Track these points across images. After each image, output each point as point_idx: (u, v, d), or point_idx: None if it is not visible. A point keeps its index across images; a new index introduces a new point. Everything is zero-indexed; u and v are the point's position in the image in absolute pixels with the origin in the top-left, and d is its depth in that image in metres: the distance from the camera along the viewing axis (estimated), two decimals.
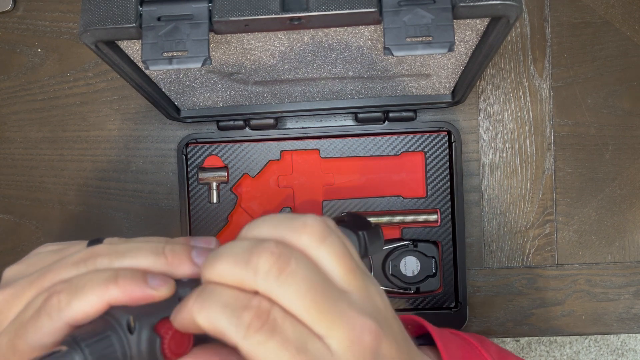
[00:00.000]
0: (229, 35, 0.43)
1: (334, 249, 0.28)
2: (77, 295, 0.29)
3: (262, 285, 0.27)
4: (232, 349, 0.27)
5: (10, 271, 0.34)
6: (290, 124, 0.66)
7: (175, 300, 0.31)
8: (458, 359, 0.43)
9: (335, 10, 0.38)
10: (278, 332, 0.26)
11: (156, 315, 0.30)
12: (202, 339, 0.30)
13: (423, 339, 0.45)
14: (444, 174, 0.65)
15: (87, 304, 0.29)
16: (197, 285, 0.31)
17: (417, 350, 0.33)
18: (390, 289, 0.65)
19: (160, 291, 0.30)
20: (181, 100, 0.60)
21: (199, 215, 0.66)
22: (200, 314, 0.27)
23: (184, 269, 0.31)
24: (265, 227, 0.29)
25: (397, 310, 0.65)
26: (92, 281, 0.29)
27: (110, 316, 0.30)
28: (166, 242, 0.32)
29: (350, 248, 0.29)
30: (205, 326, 0.26)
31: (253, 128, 0.65)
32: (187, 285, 0.32)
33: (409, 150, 0.65)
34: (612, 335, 1.34)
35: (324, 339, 0.26)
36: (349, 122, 0.66)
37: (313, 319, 0.26)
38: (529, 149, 0.67)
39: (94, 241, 0.34)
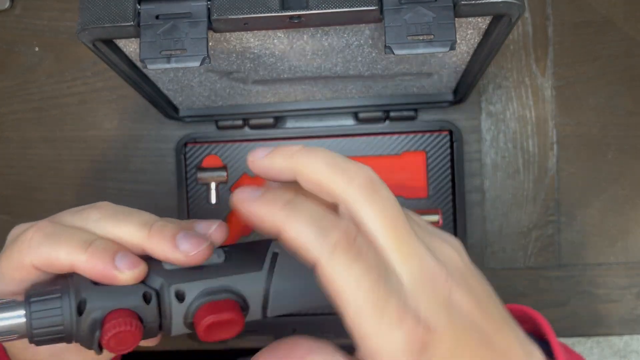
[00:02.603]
0: (228, 33, 0.43)
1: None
2: (49, 242, 0.30)
3: (352, 197, 0.26)
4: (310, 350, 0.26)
5: (20, 227, 0.36)
6: (289, 123, 0.66)
7: (139, 293, 0.30)
8: None
9: (336, 8, 0.38)
10: (363, 257, 0.25)
11: (111, 301, 0.30)
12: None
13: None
14: (446, 174, 0.65)
15: (52, 254, 0.29)
16: (165, 289, 0.30)
17: (514, 323, 0.30)
18: None
19: (124, 274, 0.29)
20: (180, 99, 0.60)
21: (198, 215, 0.65)
22: (289, 223, 0.26)
23: (160, 248, 0.30)
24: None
25: None
26: (69, 238, 0.30)
27: (71, 282, 0.30)
28: (163, 220, 0.32)
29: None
30: (289, 237, 0.25)
31: (252, 127, 0.65)
32: (157, 281, 0.30)
33: (410, 150, 0.65)
34: (614, 337, 1.34)
35: (397, 270, 0.26)
36: (349, 121, 0.66)
37: (392, 248, 0.26)
38: (531, 149, 0.66)
39: None
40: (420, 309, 0.25)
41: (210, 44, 0.40)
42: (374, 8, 0.38)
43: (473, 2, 0.37)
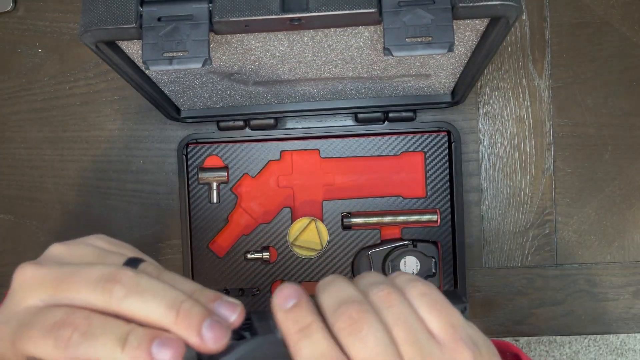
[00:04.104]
0: (229, 35, 0.43)
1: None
2: (88, 342, 0.29)
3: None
4: None
5: (55, 249, 0.34)
6: (290, 124, 0.66)
7: None
8: None
9: (335, 10, 0.38)
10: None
11: None
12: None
13: None
14: (444, 174, 0.65)
15: (91, 353, 0.29)
16: None
17: None
18: None
19: None
20: (181, 100, 0.60)
21: (199, 215, 0.66)
22: (298, 347, 0.30)
23: (186, 335, 0.30)
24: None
25: None
26: (106, 335, 0.29)
27: None
28: (191, 293, 0.32)
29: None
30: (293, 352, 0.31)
31: (253, 128, 0.66)
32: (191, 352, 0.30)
33: (409, 150, 0.65)
34: (611, 335, 1.34)
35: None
36: (348, 122, 0.67)
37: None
38: (528, 149, 0.67)
39: (133, 260, 0.33)
40: None
41: (211, 45, 0.40)
42: (373, 10, 0.38)
43: (471, 4, 0.38)
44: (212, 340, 0.30)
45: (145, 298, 0.30)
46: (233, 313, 0.32)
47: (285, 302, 0.31)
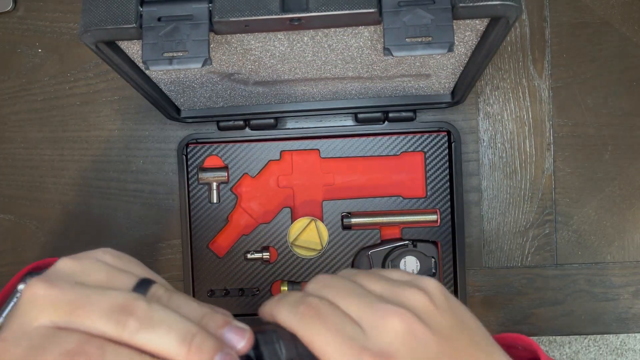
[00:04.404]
0: (229, 35, 0.44)
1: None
2: None
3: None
4: None
5: (65, 265, 0.34)
6: (290, 124, 0.67)
7: None
8: None
9: (335, 10, 0.38)
10: (330, 323, 0.33)
11: None
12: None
13: None
14: (444, 174, 0.65)
15: None
16: None
17: (491, 347, 0.36)
18: None
19: None
20: (181, 100, 0.60)
21: (199, 215, 0.66)
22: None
23: None
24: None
25: None
26: None
27: None
28: (201, 318, 0.33)
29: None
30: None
31: (253, 128, 0.66)
32: None
33: (409, 150, 0.65)
34: (611, 335, 1.34)
35: (363, 327, 0.33)
36: (348, 122, 0.67)
37: (356, 315, 0.34)
38: (528, 149, 0.67)
39: (144, 282, 0.33)
40: (381, 345, 0.32)
41: (211, 45, 0.40)
42: (373, 10, 0.38)
43: (471, 4, 0.38)
44: None
45: (158, 332, 0.30)
46: (242, 339, 0.33)
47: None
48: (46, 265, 0.48)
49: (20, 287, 0.38)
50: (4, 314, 0.38)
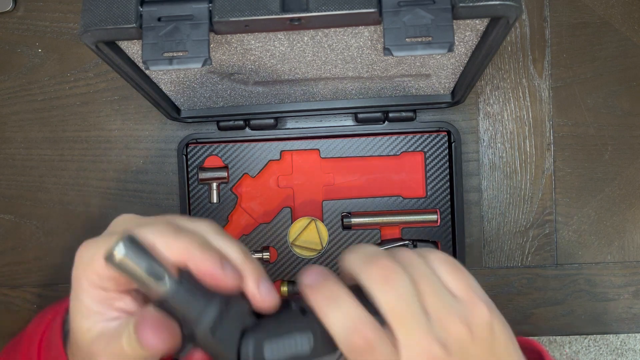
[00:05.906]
0: (229, 35, 0.44)
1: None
2: (175, 233, 0.34)
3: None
4: None
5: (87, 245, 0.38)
6: (290, 124, 0.67)
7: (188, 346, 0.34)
8: None
9: (335, 10, 0.38)
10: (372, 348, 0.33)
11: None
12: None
13: None
14: (444, 174, 0.65)
15: (179, 243, 0.34)
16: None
17: None
18: None
19: (228, 278, 0.34)
20: (181, 100, 0.60)
21: (200, 215, 0.66)
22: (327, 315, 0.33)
23: (249, 273, 0.35)
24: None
25: None
26: (191, 234, 0.34)
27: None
28: (245, 256, 0.36)
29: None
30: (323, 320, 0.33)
31: (253, 128, 0.66)
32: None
33: (409, 150, 0.65)
34: (611, 335, 1.34)
35: (401, 353, 0.33)
36: (349, 122, 0.67)
37: (398, 336, 0.33)
38: (528, 149, 0.67)
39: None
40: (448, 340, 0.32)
41: (211, 45, 0.40)
42: (373, 10, 0.38)
43: (471, 4, 0.38)
44: (265, 293, 0.34)
45: (224, 237, 0.36)
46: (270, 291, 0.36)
47: (311, 279, 0.34)
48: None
49: None
50: None
